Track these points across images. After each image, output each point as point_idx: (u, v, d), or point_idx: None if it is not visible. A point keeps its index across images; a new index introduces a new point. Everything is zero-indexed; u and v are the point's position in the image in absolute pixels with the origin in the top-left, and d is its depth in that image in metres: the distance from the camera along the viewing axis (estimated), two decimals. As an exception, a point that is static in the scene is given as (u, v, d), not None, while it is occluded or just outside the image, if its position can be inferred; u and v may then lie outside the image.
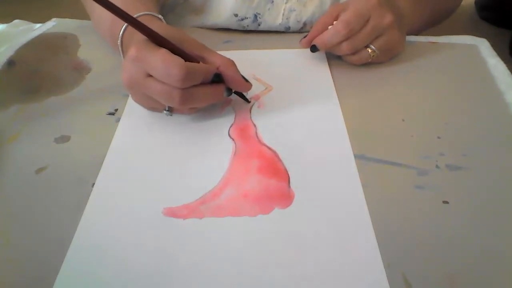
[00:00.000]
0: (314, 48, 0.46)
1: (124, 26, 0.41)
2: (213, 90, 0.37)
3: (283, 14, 0.54)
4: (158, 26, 0.36)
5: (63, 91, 0.45)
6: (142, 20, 0.35)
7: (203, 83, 0.36)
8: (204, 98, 0.37)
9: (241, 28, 0.55)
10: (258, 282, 0.28)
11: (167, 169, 0.36)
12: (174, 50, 0.35)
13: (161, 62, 0.33)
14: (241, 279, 0.28)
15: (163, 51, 0.34)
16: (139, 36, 0.35)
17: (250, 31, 0.55)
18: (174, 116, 0.40)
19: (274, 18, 0.54)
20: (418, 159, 0.36)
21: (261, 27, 0.55)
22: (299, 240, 0.30)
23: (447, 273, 0.28)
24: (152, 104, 0.38)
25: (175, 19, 0.57)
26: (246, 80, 0.39)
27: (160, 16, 0.42)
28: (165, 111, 0.38)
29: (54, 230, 0.31)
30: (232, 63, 0.38)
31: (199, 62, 0.37)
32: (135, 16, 0.37)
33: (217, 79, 0.37)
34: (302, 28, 0.55)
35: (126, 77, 0.36)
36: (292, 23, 0.54)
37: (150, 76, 0.34)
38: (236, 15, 0.53)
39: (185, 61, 0.34)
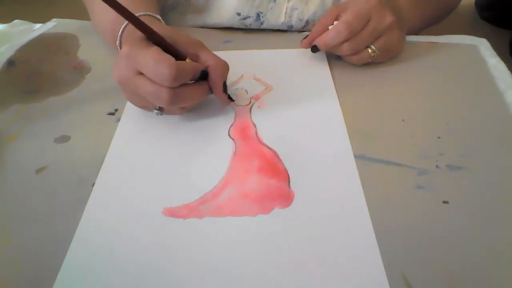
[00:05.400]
0: (315, 49, 0.46)
1: (123, 27, 0.41)
2: (199, 89, 0.37)
3: (285, 13, 0.54)
4: (156, 26, 0.36)
5: (63, 91, 0.45)
6: (143, 20, 0.35)
7: (190, 81, 0.36)
8: (192, 97, 0.36)
9: (243, 27, 0.55)
10: (258, 282, 0.28)
11: (167, 169, 0.36)
12: (169, 49, 0.35)
13: (152, 60, 0.33)
14: (241, 278, 0.28)
15: (155, 49, 0.34)
16: (135, 35, 0.35)
17: (251, 30, 0.55)
18: (174, 116, 0.40)
19: (277, 16, 0.54)
20: (418, 159, 0.36)
21: (264, 26, 0.55)
22: (299, 240, 0.30)
23: (447, 273, 0.28)
24: (142, 103, 0.38)
25: (177, 17, 0.57)
26: (225, 90, 0.38)
27: (158, 16, 0.42)
28: (155, 110, 0.37)
29: (54, 230, 0.31)
30: (223, 66, 0.37)
31: (185, 59, 0.36)
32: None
33: (203, 75, 0.36)
34: (304, 26, 0.55)
35: (117, 74, 0.36)
36: (295, 22, 0.54)
37: (141, 74, 0.34)
38: (238, 14, 0.54)
39: (177, 59, 0.34)
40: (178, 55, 0.35)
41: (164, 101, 0.34)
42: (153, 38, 0.35)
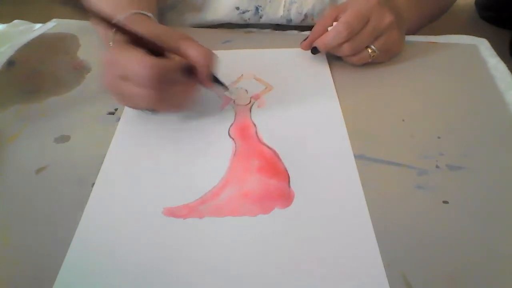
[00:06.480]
0: (315, 50, 0.46)
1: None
2: (186, 85, 0.36)
3: (284, 6, 0.54)
4: (143, 25, 0.36)
5: (63, 91, 0.45)
6: (131, 18, 0.34)
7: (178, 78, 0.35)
8: (179, 95, 0.36)
9: (242, 22, 0.55)
10: (258, 282, 0.28)
11: (167, 169, 0.36)
12: (154, 48, 0.34)
13: (132, 63, 0.32)
14: (241, 278, 0.28)
15: (135, 52, 0.33)
16: (119, 38, 0.35)
17: (250, 30, 0.55)
18: (174, 116, 0.40)
19: (275, 10, 0.54)
20: (418, 159, 0.36)
21: (263, 20, 0.55)
22: (299, 240, 0.30)
23: (447, 273, 0.28)
24: (133, 105, 0.38)
25: (176, 16, 0.57)
26: (215, 80, 0.37)
27: (149, 14, 0.41)
28: (147, 111, 0.37)
29: (54, 230, 0.31)
30: (206, 54, 0.36)
31: (166, 57, 0.35)
32: (124, 15, 0.37)
33: (188, 70, 0.35)
34: (303, 20, 0.55)
35: (104, 81, 0.35)
36: (294, 15, 0.54)
37: (126, 78, 0.34)
38: (237, 8, 0.54)
39: (164, 55, 0.33)
40: (164, 53, 0.34)
41: (151, 103, 0.34)
42: (134, 39, 0.34)
